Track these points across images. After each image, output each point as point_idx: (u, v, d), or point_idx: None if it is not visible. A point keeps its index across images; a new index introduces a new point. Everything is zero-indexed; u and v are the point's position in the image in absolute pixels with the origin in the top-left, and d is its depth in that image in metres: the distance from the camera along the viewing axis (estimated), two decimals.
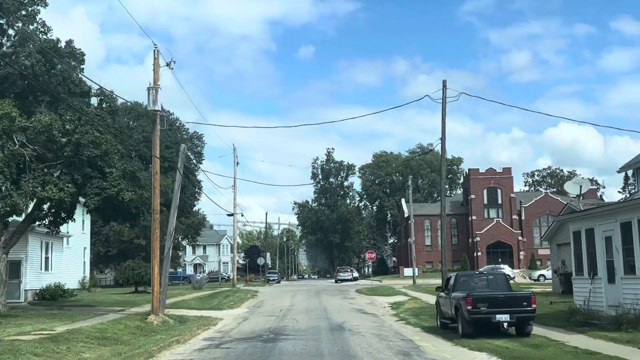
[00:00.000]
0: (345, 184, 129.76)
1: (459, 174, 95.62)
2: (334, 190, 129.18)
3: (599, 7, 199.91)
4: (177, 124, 78.38)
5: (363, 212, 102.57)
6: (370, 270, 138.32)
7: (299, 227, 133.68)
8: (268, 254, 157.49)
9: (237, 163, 55.30)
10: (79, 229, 42.28)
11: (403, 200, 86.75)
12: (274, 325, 22.47)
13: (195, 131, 79.35)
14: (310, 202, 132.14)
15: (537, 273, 61.82)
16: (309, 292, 47.13)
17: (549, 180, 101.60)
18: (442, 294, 19.75)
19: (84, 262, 44.63)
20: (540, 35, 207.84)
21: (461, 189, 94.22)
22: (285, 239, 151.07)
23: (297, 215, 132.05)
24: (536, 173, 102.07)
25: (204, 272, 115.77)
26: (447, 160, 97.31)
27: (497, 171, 77.69)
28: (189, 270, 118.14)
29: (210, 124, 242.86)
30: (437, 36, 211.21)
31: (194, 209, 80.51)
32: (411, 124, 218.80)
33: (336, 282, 73.45)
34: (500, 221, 75.97)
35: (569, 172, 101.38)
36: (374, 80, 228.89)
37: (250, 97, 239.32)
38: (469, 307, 16.34)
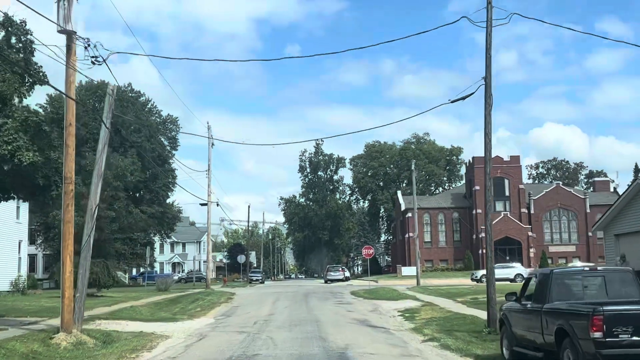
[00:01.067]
0: (335, 177, 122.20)
1: (458, 165, 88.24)
2: (322, 184, 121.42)
3: (585, 8, 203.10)
4: (149, 106, 70.32)
5: (354, 206, 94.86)
6: (360, 269, 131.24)
7: (286, 225, 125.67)
8: (254, 253, 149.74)
9: (212, 144, 47.37)
10: (10, 217, 34.16)
11: (399, 193, 79.18)
12: (238, 351, 14.60)
13: (169, 114, 71.39)
14: (297, 197, 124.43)
15: None
16: (295, 294, 39.35)
17: (554, 173, 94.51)
18: (514, 304, 11.92)
19: (19, 258, 36.42)
20: (526, 36, 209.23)
21: (462, 181, 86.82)
22: (270, 237, 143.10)
23: (283, 212, 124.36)
24: (540, 165, 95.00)
25: (183, 271, 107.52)
26: (445, 151, 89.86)
27: (504, 160, 70.28)
28: (168, 270, 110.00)
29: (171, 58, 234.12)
30: (424, 36, 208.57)
31: (167, 201, 72.40)
32: (400, 124, 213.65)
33: (326, 282, 65.70)
34: (509, 215, 68.56)
35: (575, 164, 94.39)
36: (361, 80, 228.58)
37: (237, 96, 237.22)
38: (598, 334, 8.58)
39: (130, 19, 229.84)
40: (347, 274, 69.05)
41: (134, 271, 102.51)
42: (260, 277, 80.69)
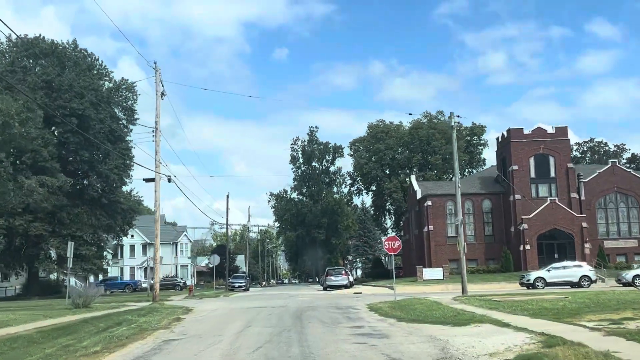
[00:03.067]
0: (332, 169, 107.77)
1: (480, 147, 73.82)
2: (317, 176, 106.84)
3: (573, 9, 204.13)
4: (98, 67, 55.48)
5: (356, 199, 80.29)
6: (359, 273, 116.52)
7: (276, 223, 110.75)
8: (242, 256, 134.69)
9: (163, 94, 32.60)
10: None
11: (413, 178, 64.51)
12: None
13: (124, 79, 56.39)
14: (289, 192, 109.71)
15: (630, 273, 41.05)
16: (282, 313, 24.76)
17: (591, 156, 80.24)
18: None
19: None
20: (515, 38, 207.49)
21: (484, 166, 72.28)
22: (258, 237, 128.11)
23: (273, 209, 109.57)
24: (574, 148, 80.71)
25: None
26: (464, 130, 75.47)
27: (549, 132, 55.82)
28: (140, 275, 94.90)
29: None
30: (413, 38, 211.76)
31: (124, 189, 57.55)
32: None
33: (325, 289, 51.12)
34: (557, 201, 54.12)
35: (615, 145, 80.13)
36: (350, 83, 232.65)
37: (226, 100, 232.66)
38: None
39: (118, 23, 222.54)
40: (351, 278, 54.38)
41: (98, 277, 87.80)
42: (244, 284, 66.04)
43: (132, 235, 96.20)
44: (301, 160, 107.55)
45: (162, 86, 33.00)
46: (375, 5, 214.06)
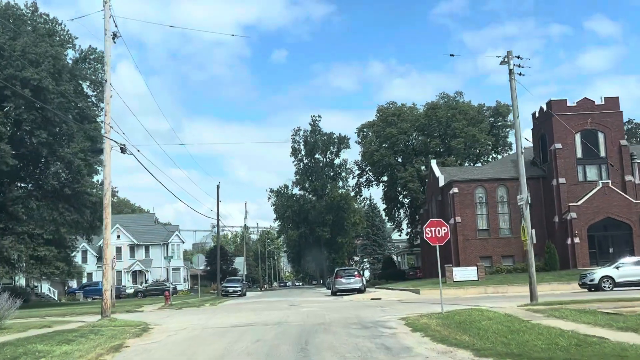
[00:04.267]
0: (337, 161, 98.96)
1: (507, 129, 64.90)
2: (321, 170, 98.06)
3: (573, 6, 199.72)
4: (60, 31, 46.86)
5: (365, 190, 71.38)
6: (368, 274, 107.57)
7: (277, 221, 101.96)
8: (242, 258, 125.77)
9: (116, 35, 23.89)
10: None
11: (433, 162, 55.70)
12: None
13: (91, 47, 47.63)
14: (290, 187, 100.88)
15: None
16: (278, 334, 16.14)
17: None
18: None
19: None
20: (515, 36, 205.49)
21: (510, 150, 63.45)
22: (258, 236, 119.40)
23: (273, 206, 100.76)
24: None
25: (146, 281, 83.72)
26: (487, 110, 66.68)
27: (597, 104, 46.96)
28: (126, 281, 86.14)
29: None
30: (412, 38, 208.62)
31: (96, 180, 48.84)
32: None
33: (334, 294, 42.46)
34: (610, 185, 45.32)
35: None
36: (350, 84, 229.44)
37: (226, 103, 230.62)
38: None
39: (116, 28, 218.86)
40: (364, 280, 45.52)
41: (80, 283, 79.07)
42: (239, 288, 57.37)
43: (118, 237, 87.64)
44: (303, 152, 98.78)
45: (115, 25, 24.31)
46: (374, 6, 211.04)
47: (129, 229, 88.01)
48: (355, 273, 43.13)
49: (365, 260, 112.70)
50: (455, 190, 48.17)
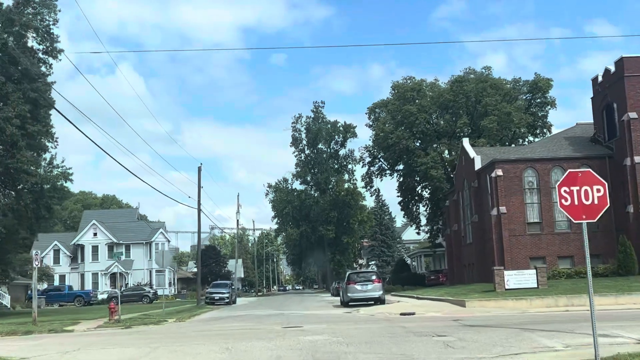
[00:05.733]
0: (342, 152, 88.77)
1: (546, 106, 54.69)
2: (324, 161, 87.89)
3: (573, 10, 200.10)
4: None
5: (377, 181, 60.86)
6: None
7: (275, 219, 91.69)
8: (240, 261, 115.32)
9: None
10: None
11: (466, 141, 45.41)
12: None
13: None
14: (290, 180, 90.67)
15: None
16: None
17: None
18: None
19: None
20: (516, 41, 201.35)
21: (548, 133, 53.07)
22: (252, 234, 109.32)
23: (271, 203, 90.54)
24: None
25: (126, 284, 73.14)
26: (523, 84, 56.50)
27: None
28: (104, 284, 75.70)
29: None
30: (412, 41, 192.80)
31: (46, 157, 38.78)
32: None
33: (346, 304, 32.30)
34: None
35: None
36: (350, 87, 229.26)
37: (225, 106, 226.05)
38: None
39: (114, 30, 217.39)
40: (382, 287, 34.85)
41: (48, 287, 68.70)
42: (227, 295, 47.21)
43: (94, 234, 77.34)
44: (305, 142, 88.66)
45: None
46: (374, 9, 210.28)
47: (108, 225, 77.85)
48: (374, 277, 32.87)
49: (372, 262, 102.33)
50: (499, 172, 37.88)
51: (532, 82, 54.65)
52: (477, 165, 41.28)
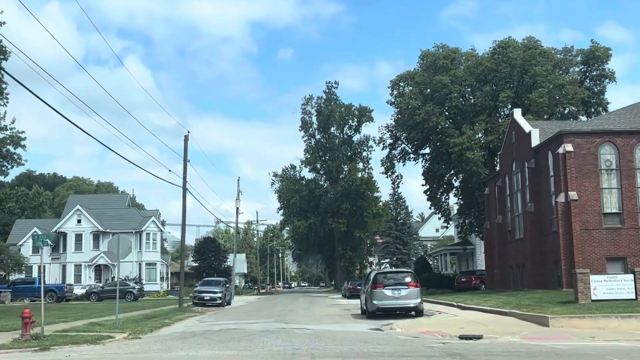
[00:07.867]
0: (356, 138, 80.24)
1: (605, 79, 46.05)
2: (337, 147, 79.53)
3: (585, 12, 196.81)
4: None
5: (399, 166, 52.26)
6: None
7: (281, 210, 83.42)
8: (243, 255, 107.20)
9: None
10: None
11: (517, 112, 36.80)
12: None
13: None
14: (298, 167, 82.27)
15: None
16: None
17: None
18: None
19: None
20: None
21: (605, 111, 44.36)
22: (255, 227, 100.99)
23: (277, 193, 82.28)
24: None
25: (112, 278, 64.85)
26: (577, 52, 47.77)
27: None
28: (88, 277, 67.49)
29: None
30: (422, 40, 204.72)
31: None
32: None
33: (371, 314, 23.93)
34: None
35: None
36: (358, 85, 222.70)
37: (233, 100, 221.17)
38: None
39: (123, 22, 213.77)
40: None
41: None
42: (220, 295, 39.11)
43: (78, 221, 69.08)
44: (315, 126, 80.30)
45: None
46: (383, 6, 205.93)
47: (94, 211, 69.80)
48: (409, 280, 24.47)
49: (385, 261, 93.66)
50: (569, 147, 29.26)
51: (587, 51, 45.96)
52: (535, 141, 32.70)
